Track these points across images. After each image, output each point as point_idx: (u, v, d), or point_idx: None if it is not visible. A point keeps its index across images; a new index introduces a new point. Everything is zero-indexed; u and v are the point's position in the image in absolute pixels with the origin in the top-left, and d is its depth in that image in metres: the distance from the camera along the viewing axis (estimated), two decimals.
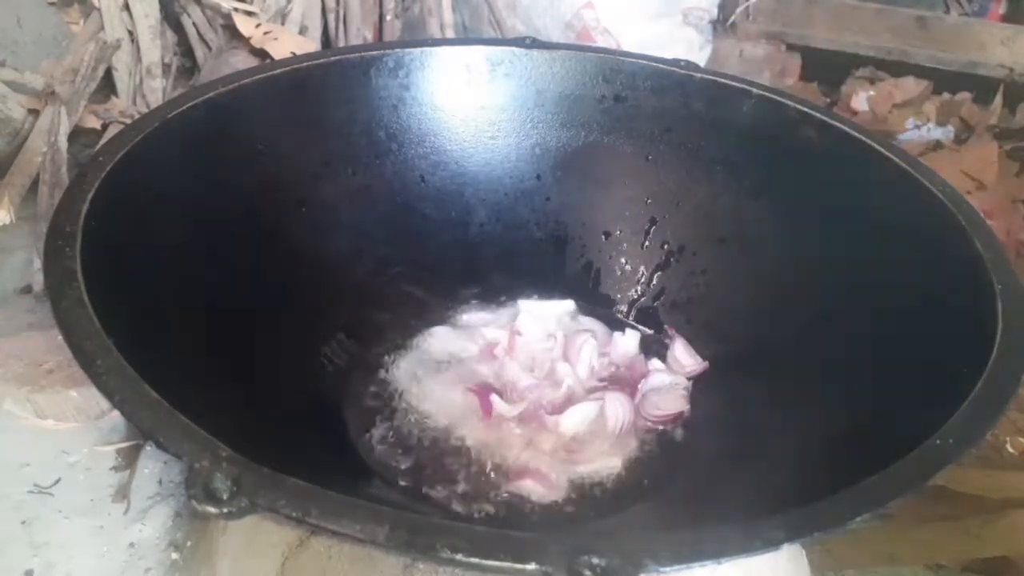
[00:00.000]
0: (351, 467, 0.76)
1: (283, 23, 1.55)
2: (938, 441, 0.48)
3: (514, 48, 0.95)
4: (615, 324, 0.97)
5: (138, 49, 1.53)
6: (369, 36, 1.68)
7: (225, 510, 0.40)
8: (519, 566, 0.38)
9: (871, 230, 0.78)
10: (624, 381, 0.88)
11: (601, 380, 0.87)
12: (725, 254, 0.92)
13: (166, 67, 1.58)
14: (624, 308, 0.99)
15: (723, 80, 0.91)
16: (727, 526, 0.41)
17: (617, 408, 0.83)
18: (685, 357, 0.91)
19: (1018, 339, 0.56)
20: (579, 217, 1.01)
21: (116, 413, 0.94)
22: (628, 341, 0.93)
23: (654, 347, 0.94)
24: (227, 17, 1.53)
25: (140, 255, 0.64)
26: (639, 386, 0.86)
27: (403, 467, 0.76)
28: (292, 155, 0.87)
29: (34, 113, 1.35)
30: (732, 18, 1.97)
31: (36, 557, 0.81)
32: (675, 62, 0.93)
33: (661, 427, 0.83)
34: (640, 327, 0.97)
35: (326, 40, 1.66)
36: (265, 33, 1.46)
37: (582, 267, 1.01)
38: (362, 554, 0.63)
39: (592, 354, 0.89)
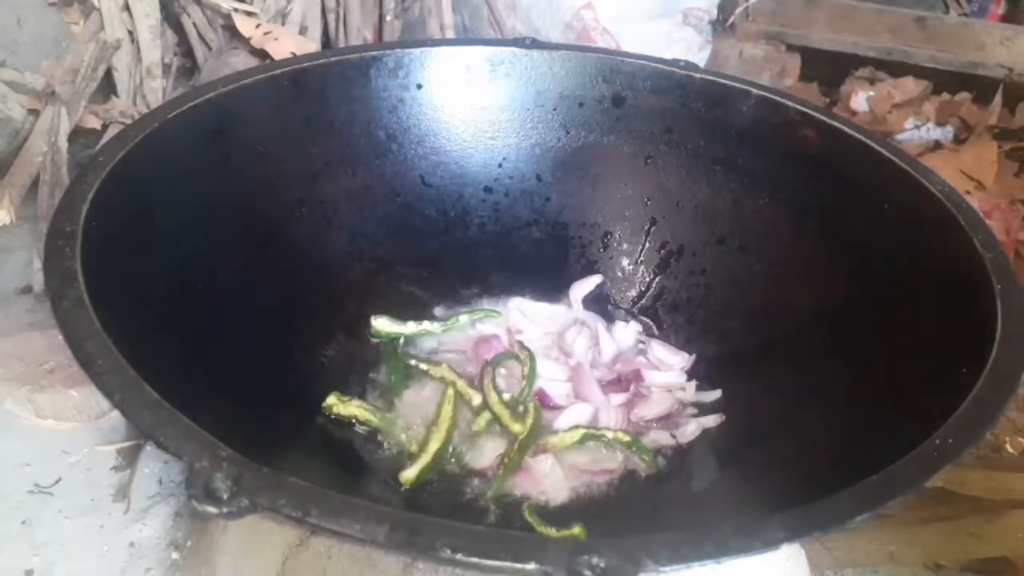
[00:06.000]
0: (352, 466, 0.76)
1: (283, 23, 1.55)
2: (938, 441, 0.48)
3: (514, 48, 0.95)
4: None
5: (138, 49, 1.53)
6: (369, 36, 1.68)
7: (225, 510, 0.40)
8: (519, 566, 0.38)
9: (870, 230, 0.78)
10: (619, 382, 0.88)
11: (598, 380, 0.87)
12: (725, 254, 0.92)
13: (166, 67, 1.58)
14: (625, 308, 0.99)
15: (723, 80, 0.91)
16: (727, 526, 0.41)
17: (611, 409, 0.83)
18: (668, 356, 0.91)
19: (1018, 339, 0.56)
20: (579, 217, 1.01)
21: (116, 413, 0.94)
22: (628, 332, 0.93)
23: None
24: (227, 17, 1.53)
25: (140, 255, 0.64)
26: (633, 387, 0.86)
27: (402, 465, 0.75)
28: (292, 155, 0.87)
29: (34, 113, 1.35)
30: (732, 18, 1.97)
31: (36, 557, 0.81)
32: (675, 62, 0.94)
33: (656, 427, 0.83)
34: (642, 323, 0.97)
35: (326, 40, 1.66)
36: (265, 33, 1.45)
37: (582, 267, 1.01)
38: (362, 554, 0.63)
39: (586, 344, 0.90)
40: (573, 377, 0.86)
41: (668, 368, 0.90)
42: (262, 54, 1.45)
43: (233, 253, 0.76)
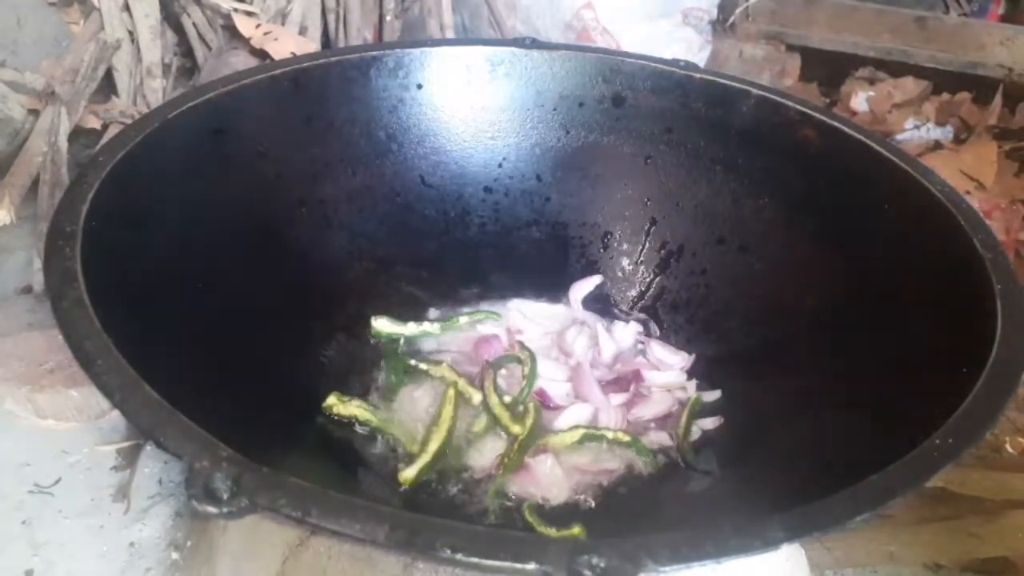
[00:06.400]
0: (352, 466, 0.76)
1: (283, 23, 1.55)
2: (938, 441, 0.48)
3: (514, 48, 0.95)
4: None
5: (138, 49, 1.53)
6: (369, 36, 1.68)
7: (225, 510, 0.40)
8: (519, 566, 0.38)
9: (870, 230, 0.78)
10: (618, 382, 0.88)
11: (597, 380, 0.87)
12: (725, 254, 0.93)
13: (166, 67, 1.58)
14: (625, 308, 0.99)
15: (723, 80, 0.91)
16: (727, 526, 0.41)
17: (611, 409, 0.83)
18: (667, 356, 0.91)
19: (1018, 339, 0.56)
20: (579, 217, 1.01)
21: (116, 413, 0.94)
22: (627, 332, 0.93)
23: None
24: (227, 17, 1.53)
25: (140, 255, 0.64)
26: (633, 387, 0.86)
27: (402, 465, 0.75)
28: (292, 155, 0.87)
29: (34, 113, 1.35)
30: (732, 18, 1.97)
31: (36, 557, 0.81)
32: (675, 62, 0.94)
33: (656, 427, 0.83)
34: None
35: (326, 40, 1.66)
36: (265, 33, 1.45)
37: (582, 267, 1.01)
38: (362, 554, 0.63)
39: (586, 344, 0.90)
40: (573, 377, 0.86)
41: (668, 368, 0.90)
42: (262, 54, 1.45)
43: (233, 253, 0.76)
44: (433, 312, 0.96)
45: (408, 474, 0.73)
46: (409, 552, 0.40)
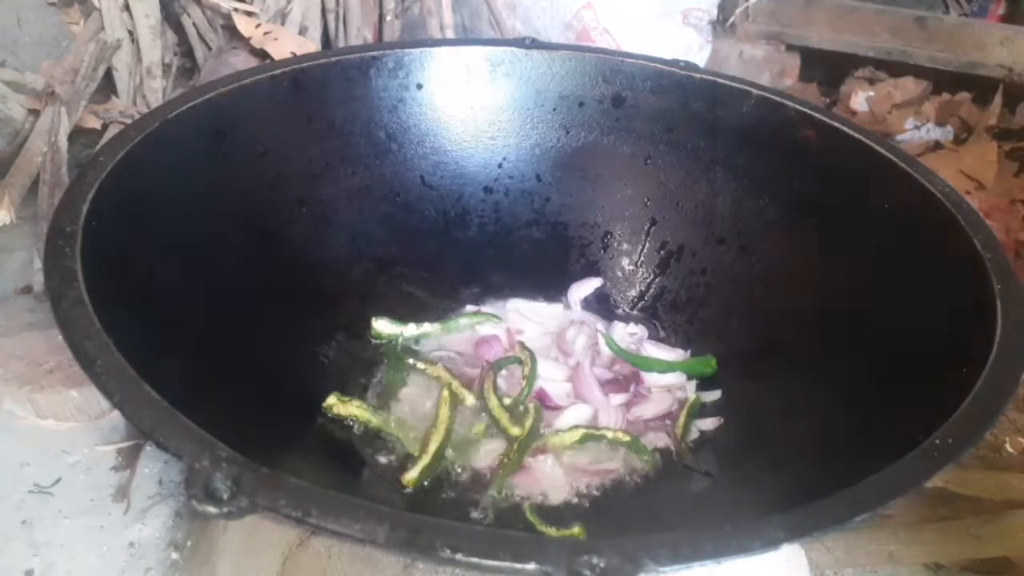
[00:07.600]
0: (352, 466, 0.76)
1: (283, 23, 1.55)
2: (938, 441, 0.48)
3: (514, 48, 0.95)
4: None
5: (138, 49, 1.53)
6: (369, 36, 1.68)
7: (225, 510, 0.40)
8: (519, 566, 0.38)
9: (870, 230, 0.78)
10: (618, 382, 0.88)
11: (598, 380, 0.87)
12: (725, 254, 0.93)
13: (166, 67, 1.58)
14: (625, 308, 0.99)
15: (723, 80, 0.91)
16: (727, 526, 0.41)
17: (611, 409, 0.83)
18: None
19: (1017, 339, 0.56)
20: (579, 217, 1.01)
21: (116, 413, 0.94)
22: (624, 333, 0.93)
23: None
24: (227, 17, 1.53)
25: (140, 255, 0.64)
26: (633, 388, 0.86)
27: (403, 465, 0.75)
28: (292, 155, 0.87)
29: (34, 113, 1.35)
30: (732, 19, 1.97)
31: (36, 557, 0.81)
32: (675, 62, 0.94)
33: (656, 427, 0.83)
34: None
35: (326, 40, 1.66)
36: (265, 33, 1.46)
37: (582, 267, 1.01)
38: (362, 554, 0.63)
39: (585, 343, 0.90)
40: (573, 377, 0.86)
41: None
42: (262, 54, 1.45)
43: (233, 253, 0.76)
44: (433, 312, 0.95)
45: (411, 475, 0.73)
46: (409, 552, 0.40)
